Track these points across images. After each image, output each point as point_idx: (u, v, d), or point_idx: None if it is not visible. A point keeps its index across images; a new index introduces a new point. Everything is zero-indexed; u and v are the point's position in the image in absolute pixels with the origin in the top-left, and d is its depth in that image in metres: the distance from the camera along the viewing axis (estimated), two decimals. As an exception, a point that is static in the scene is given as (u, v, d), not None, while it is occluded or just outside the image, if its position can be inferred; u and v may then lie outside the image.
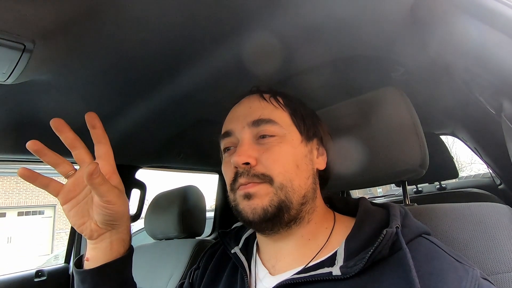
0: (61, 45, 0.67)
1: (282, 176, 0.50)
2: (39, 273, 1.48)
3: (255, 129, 0.53)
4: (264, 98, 0.57)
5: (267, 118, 0.53)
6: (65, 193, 0.50)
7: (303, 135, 0.55)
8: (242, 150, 0.51)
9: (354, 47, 0.90)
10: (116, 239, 0.53)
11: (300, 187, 0.51)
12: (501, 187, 1.97)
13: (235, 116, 0.58)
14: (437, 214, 0.62)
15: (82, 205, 0.51)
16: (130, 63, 0.82)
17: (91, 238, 0.52)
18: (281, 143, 0.52)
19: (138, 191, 1.72)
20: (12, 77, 0.69)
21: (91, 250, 0.53)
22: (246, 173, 0.50)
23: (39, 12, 0.56)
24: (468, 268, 0.41)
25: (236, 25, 0.73)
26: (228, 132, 0.56)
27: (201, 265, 0.65)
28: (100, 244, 0.53)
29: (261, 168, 0.50)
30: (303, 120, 0.57)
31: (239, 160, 0.50)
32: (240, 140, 0.54)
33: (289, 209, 0.50)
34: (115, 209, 0.50)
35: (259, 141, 0.53)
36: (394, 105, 0.71)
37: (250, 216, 0.49)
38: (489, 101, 0.55)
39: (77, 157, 0.50)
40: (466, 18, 0.54)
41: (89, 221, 0.51)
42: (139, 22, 0.66)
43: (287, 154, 0.52)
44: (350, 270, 0.43)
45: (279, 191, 0.49)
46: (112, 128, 1.19)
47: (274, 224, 0.50)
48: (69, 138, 0.49)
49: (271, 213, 0.48)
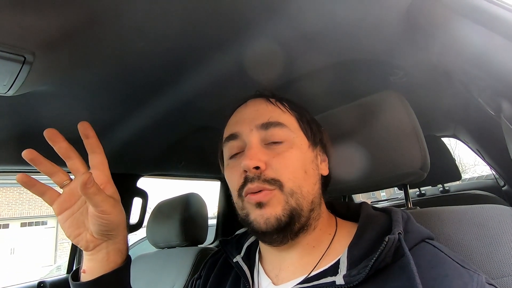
0: (61, 56, 0.68)
1: (292, 182, 0.49)
2: (41, 284, 1.47)
3: (263, 132, 0.52)
4: (271, 101, 0.56)
5: (276, 121, 0.52)
6: (60, 203, 0.49)
7: (310, 140, 0.55)
8: (252, 153, 0.49)
9: (353, 51, 0.90)
10: (112, 249, 0.52)
11: (309, 193, 0.50)
12: (505, 188, 1.96)
13: (241, 118, 0.56)
14: (440, 217, 0.61)
15: (78, 216, 0.50)
16: (130, 72, 0.82)
17: (87, 249, 0.51)
18: (291, 148, 0.51)
19: (140, 200, 1.72)
20: (13, 89, 0.70)
21: (87, 261, 0.52)
22: (257, 178, 0.48)
23: (39, 24, 0.56)
24: (473, 274, 0.40)
25: (236, 32, 0.74)
26: (234, 134, 0.54)
27: (203, 274, 0.64)
28: (96, 256, 0.51)
29: (271, 173, 0.48)
30: (309, 125, 0.56)
31: (250, 164, 0.48)
32: (248, 143, 0.52)
33: (300, 217, 0.49)
34: (111, 219, 0.49)
35: (268, 145, 0.52)
36: (393, 109, 0.70)
37: (263, 226, 0.47)
38: (488, 102, 0.55)
39: (72, 167, 0.50)
40: (465, 21, 0.54)
41: (85, 232, 0.50)
42: (139, 32, 0.67)
43: (297, 159, 0.51)
44: (354, 279, 0.42)
45: (289, 198, 0.48)
46: (113, 137, 1.19)
47: (284, 236, 0.49)
48: (63, 148, 0.48)
49: (284, 222, 0.47)
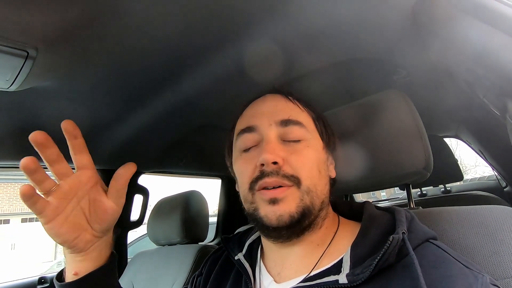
0: (64, 52, 0.68)
1: (310, 180, 0.49)
2: (42, 280, 1.48)
3: (282, 129, 0.52)
4: (289, 99, 0.56)
5: (296, 119, 0.52)
6: (53, 209, 0.45)
7: (324, 141, 0.55)
8: (271, 148, 0.49)
9: (356, 50, 0.90)
10: (105, 245, 0.53)
11: (322, 192, 0.51)
12: (507, 189, 1.95)
13: (259, 111, 0.55)
14: (442, 217, 0.61)
15: (72, 218, 0.47)
16: (132, 69, 0.82)
17: (84, 250, 0.49)
18: (308, 147, 0.52)
19: (141, 197, 1.72)
20: (15, 84, 0.70)
21: (78, 262, 0.50)
22: (276, 172, 0.48)
23: (42, 19, 0.56)
24: (477, 275, 0.39)
25: (237, 32, 0.73)
26: (251, 127, 0.54)
27: (204, 271, 0.64)
28: (91, 255, 0.50)
29: (289, 169, 0.48)
30: (325, 127, 0.57)
31: (270, 158, 0.47)
32: (265, 137, 0.51)
33: (310, 215, 0.49)
34: (118, 213, 0.50)
35: (285, 142, 0.52)
36: (396, 108, 0.70)
37: (275, 222, 0.47)
38: (494, 102, 0.55)
39: (61, 170, 0.46)
40: (469, 19, 0.53)
41: (84, 233, 0.48)
42: (141, 30, 0.66)
43: (313, 159, 0.51)
44: (357, 278, 0.42)
45: (305, 195, 0.48)
46: (115, 134, 1.19)
47: (293, 232, 0.49)
48: (55, 153, 0.45)
49: (296, 219, 0.47)
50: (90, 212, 0.49)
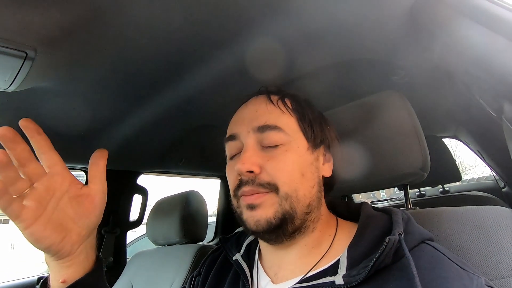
0: (63, 52, 0.68)
1: (287, 186, 0.48)
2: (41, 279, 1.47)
3: (260, 135, 0.51)
4: (272, 101, 0.55)
5: (273, 124, 0.51)
6: (31, 212, 0.41)
7: (309, 142, 0.53)
8: (245, 157, 0.49)
9: (355, 50, 0.90)
10: (90, 246, 0.50)
11: (305, 196, 0.50)
12: (505, 190, 1.96)
13: (240, 118, 0.56)
14: (439, 217, 0.61)
15: (55, 219, 0.44)
16: (132, 69, 0.82)
17: (70, 254, 0.46)
18: (287, 151, 0.50)
19: (140, 197, 1.72)
20: (14, 84, 0.70)
21: (66, 269, 0.47)
22: (251, 182, 0.48)
23: (41, 20, 0.56)
24: (473, 276, 0.40)
25: (238, 30, 0.73)
26: (233, 135, 0.55)
27: (202, 271, 0.64)
28: (78, 258, 0.47)
29: (266, 177, 0.49)
30: (310, 126, 0.55)
31: (243, 168, 0.48)
32: (244, 145, 0.52)
33: (293, 220, 0.48)
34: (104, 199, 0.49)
35: (263, 148, 0.51)
36: (394, 109, 0.70)
37: (254, 227, 0.48)
38: (490, 103, 0.55)
39: (36, 171, 0.43)
40: (467, 22, 0.54)
41: (69, 234, 0.45)
42: (141, 29, 0.66)
43: (293, 163, 0.50)
44: (353, 279, 0.42)
45: (284, 201, 0.48)
46: (114, 134, 1.20)
47: (277, 235, 0.49)
48: (27, 150, 0.42)
49: (274, 225, 0.47)
50: (73, 209, 0.46)
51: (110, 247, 1.59)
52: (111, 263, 1.56)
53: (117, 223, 1.62)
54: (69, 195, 0.46)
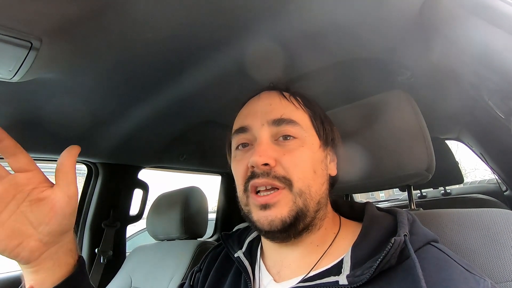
0: (67, 44, 0.67)
1: (302, 181, 0.48)
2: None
3: (275, 128, 0.50)
4: (285, 97, 0.54)
5: (289, 118, 0.51)
6: None
7: (321, 139, 0.53)
8: (262, 150, 0.48)
9: (360, 50, 0.90)
10: (63, 252, 0.46)
11: (316, 193, 0.49)
12: (507, 193, 1.95)
13: (252, 111, 0.54)
14: (442, 219, 0.61)
15: (11, 224, 0.41)
16: (134, 63, 0.82)
17: (30, 261, 0.43)
18: (302, 146, 0.50)
19: (141, 191, 1.72)
20: (18, 75, 0.70)
21: (31, 274, 0.44)
22: (266, 174, 0.47)
23: (46, 10, 0.56)
24: (479, 279, 0.39)
25: (240, 30, 0.73)
26: (244, 127, 0.53)
27: (203, 267, 0.64)
28: (44, 265, 0.44)
29: (281, 171, 0.47)
30: (322, 124, 0.54)
31: (260, 161, 0.47)
32: (258, 138, 0.51)
33: (305, 217, 0.48)
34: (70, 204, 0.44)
35: (278, 141, 0.50)
36: (400, 109, 0.70)
37: (267, 227, 0.47)
38: (498, 105, 0.55)
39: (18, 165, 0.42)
40: (474, 20, 0.53)
41: (26, 240, 0.42)
42: (144, 24, 0.66)
43: (307, 159, 0.49)
44: (357, 279, 0.41)
45: (298, 198, 0.47)
46: (115, 128, 1.19)
47: (288, 235, 0.48)
48: (12, 146, 0.41)
49: (289, 224, 0.46)
50: (33, 213, 0.42)
51: (110, 241, 1.59)
52: (110, 257, 1.56)
53: (117, 217, 1.62)
54: (32, 198, 0.42)
